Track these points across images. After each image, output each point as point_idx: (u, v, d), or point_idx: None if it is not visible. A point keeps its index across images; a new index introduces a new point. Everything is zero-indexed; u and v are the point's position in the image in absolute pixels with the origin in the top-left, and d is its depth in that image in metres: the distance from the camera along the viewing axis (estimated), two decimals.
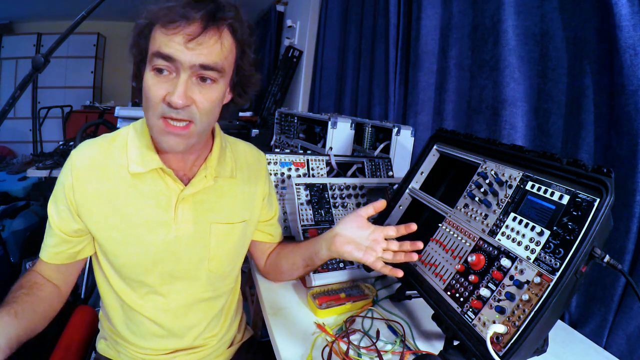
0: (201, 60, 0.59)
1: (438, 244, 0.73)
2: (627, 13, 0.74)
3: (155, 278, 0.74)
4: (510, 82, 1.04)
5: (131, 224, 0.70)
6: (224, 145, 0.80)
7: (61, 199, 0.70)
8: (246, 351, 0.91)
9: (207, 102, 0.63)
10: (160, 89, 0.60)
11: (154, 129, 0.64)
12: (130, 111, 1.67)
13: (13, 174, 3.05)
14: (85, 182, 0.69)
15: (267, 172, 0.90)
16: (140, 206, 0.70)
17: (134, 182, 0.70)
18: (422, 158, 0.90)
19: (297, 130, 1.73)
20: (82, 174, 0.69)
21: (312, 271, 0.87)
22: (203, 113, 0.63)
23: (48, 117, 3.94)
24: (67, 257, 0.73)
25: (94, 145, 0.73)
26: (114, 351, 0.81)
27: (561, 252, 0.52)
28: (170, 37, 0.58)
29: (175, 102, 0.58)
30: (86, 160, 0.70)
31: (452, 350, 0.62)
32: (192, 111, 0.62)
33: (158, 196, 0.71)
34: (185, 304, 0.78)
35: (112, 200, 0.70)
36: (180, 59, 0.58)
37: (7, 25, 4.67)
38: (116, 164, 0.70)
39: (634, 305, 0.75)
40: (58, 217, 0.71)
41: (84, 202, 0.69)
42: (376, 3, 1.91)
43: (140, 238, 0.71)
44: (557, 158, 0.58)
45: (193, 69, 0.60)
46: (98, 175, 0.69)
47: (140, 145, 0.71)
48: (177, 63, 0.59)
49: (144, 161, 0.70)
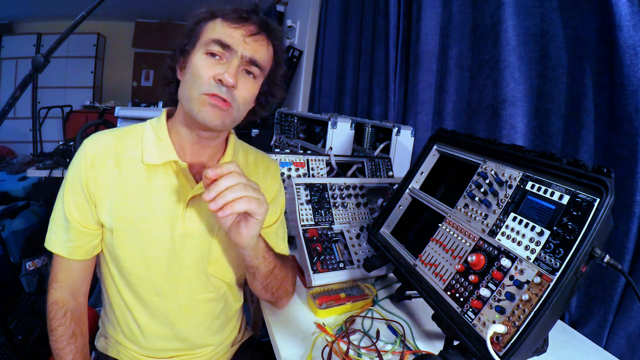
0: (251, 54, 0.68)
1: (438, 244, 0.73)
2: (627, 13, 0.74)
3: (158, 275, 0.74)
4: (510, 82, 1.04)
5: (139, 217, 0.71)
6: (237, 149, 0.81)
7: (77, 191, 0.70)
8: (246, 351, 0.91)
9: (247, 92, 0.70)
10: (211, 69, 0.66)
11: (194, 102, 0.67)
12: (130, 111, 1.67)
13: (13, 174, 3.04)
14: (98, 171, 0.70)
15: (280, 183, 0.89)
16: (151, 200, 0.71)
17: (147, 174, 0.71)
18: (422, 158, 0.90)
19: (297, 130, 1.73)
20: (96, 162, 0.70)
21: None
22: (242, 101, 0.69)
23: (48, 117, 3.93)
24: (85, 252, 0.73)
25: (108, 135, 0.74)
26: (115, 350, 0.81)
27: (561, 252, 0.52)
28: (232, 29, 0.68)
29: (227, 79, 0.65)
30: (100, 149, 0.71)
31: (452, 350, 0.61)
32: (234, 95, 0.68)
33: (169, 191, 0.72)
34: (187, 305, 0.78)
35: (123, 192, 0.70)
36: (237, 49, 0.67)
37: (7, 25, 4.67)
38: (130, 156, 0.72)
39: (634, 305, 0.75)
40: (77, 211, 0.71)
41: (96, 191, 0.70)
42: (376, 3, 1.91)
43: (146, 232, 0.71)
44: (557, 158, 0.58)
45: (244, 59, 0.68)
46: (111, 165, 0.71)
47: (157, 139, 0.72)
48: (233, 52, 0.67)
49: (160, 153, 0.71)
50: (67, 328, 0.71)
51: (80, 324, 0.74)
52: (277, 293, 0.80)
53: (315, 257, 0.92)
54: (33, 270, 1.95)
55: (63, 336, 0.70)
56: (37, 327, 1.26)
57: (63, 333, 0.71)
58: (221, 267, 0.79)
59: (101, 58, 5.18)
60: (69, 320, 0.72)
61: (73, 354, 0.70)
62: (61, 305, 0.72)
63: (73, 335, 0.71)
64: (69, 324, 0.72)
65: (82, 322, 0.75)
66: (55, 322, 0.71)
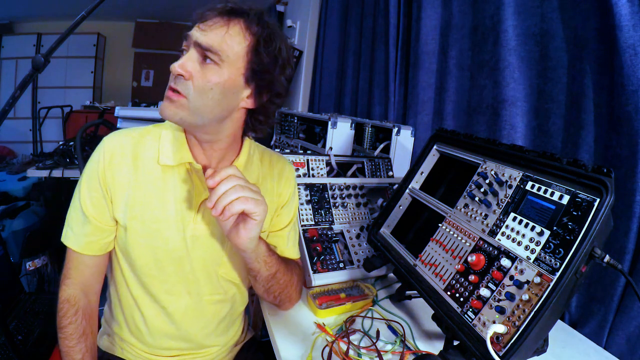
0: (201, 40, 0.64)
1: (438, 244, 0.73)
2: (627, 13, 0.74)
3: (168, 274, 0.74)
4: (510, 82, 1.04)
5: (153, 216, 0.71)
6: (252, 153, 0.81)
7: (95, 187, 0.71)
8: (246, 351, 0.92)
9: (203, 80, 0.65)
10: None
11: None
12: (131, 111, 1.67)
13: (13, 174, 3.04)
14: (116, 169, 0.70)
15: (294, 186, 0.88)
16: (165, 200, 0.72)
17: (163, 175, 0.72)
18: (422, 158, 0.90)
19: (297, 130, 1.73)
20: (114, 159, 0.71)
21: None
22: (197, 90, 0.64)
23: (48, 117, 3.93)
24: (99, 247, 0.73)
25: (127, 134, 0.74)
26: (119, 348, 0.81)
27: (561, 252, 0.52)
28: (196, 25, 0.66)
29: (174, 68, 0.64)
30: (118, 147, 0.72)
31: (452, 350, 0.61)
32: (187, 85, 0.64)
33: (183, 192, 0.72)
34: (195, 305, 0.78)
35: (138, 190, 0.71)
36: (191, 34, 0.65)
37: (7, 25, 4.66)
38: (147, 156, 0.72)
39: (634, 305, 0.75)
40: (93, 207, 0.71)
41: (113, 187, 0.70)
42: (376, 3, 1.91)
43: (159, 232, 0.72)
44: (557, 158, 0.58)
45: (196, 46, 0.65)
46: (129, 163, 0.71)
47: (173, 139, 0.73)
48: (190, 40, 0.65)
49: (175, 154, 0.72)
50: (77, 326, 0.71)
51: (91, 322, 0.73)
52: (280, 297, 0.80)
53: (315, 257, 0.92)
54: (33, 270, 1.95)
55: (73, 334, 0.70)
56: (37, 327, 1.26)
57: (73, 331, 0.70)
58: (232, 269, 0.79)
59: (101, 58, 5.18)
60: (80, 318, 0.71)
61: (82, 353, 0.70)
62: (73, 303, 0.71)
63: (84, 334, 0.71)
64: (80, 322, 0.71)
65: (92, 320, 0.74)
66: (66, 319, 0.71)
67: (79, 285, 0.73)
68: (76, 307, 0.71)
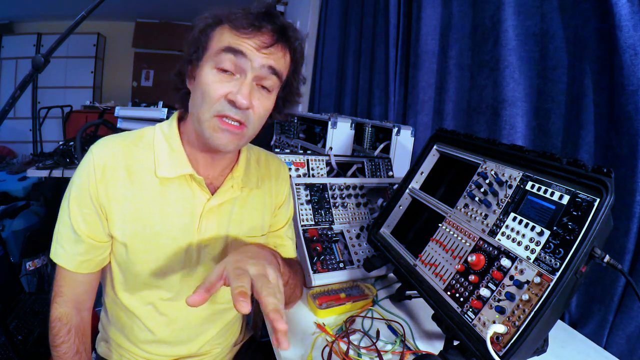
0: (271, 63, 0.61)
1: (438, 244, 0.73)
2: (627, 13, 0.74)
3: (173, 286, 0.72)
4: (510, 82, 1.04)
5: (154, 232, 0.67)
6: (249, 156, 0.79)
7: (86, 204, 0.65)
8: (246, 351, 0.91)
9: (263, 109, 0.64)
10: (222, 87, 0.60)
11: (205, 125, 0.62)
12: (130, 111, 1.67)
13: (13, 174, 3.04)
14: (109, 184, 0.65)
15: (289, 186, 0.87)
16: (165, 214, 0.68)
17: (160, 187, 0.67)
18: (422, 158, 0.90)
19: (297, 130, 1.73)
20: (106, 173, 0.65)
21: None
22: (256, 119, 0.64)
23: (48, 117, 3.94)
24: (94, 265, 0.69)
25: (117, 142, 0.68)
26: (117, 355, 0.80)
27: (561, 252, 0.52)
28: (242, 38, 0.60)
29: (241, 102, 0.59)
30: (110, 159, 0.66)
31: (452, 350, 0.62)
32: (249, 115, 0.62)
33: (184, 204, 0.69)
34: (199, 314, 0.77)
35: (136, 205, 0.66)
36: (251, 58, 0.60)
37: (7, 25, 4.66)
38: (142, 167, 0.67)
39: (634, 305, 0.75)
40: (85, 225, 0.66)
41: (107, 204, 0.65)
42: (376, 3, 1.91)
43: (162, 247, 0.69)
44: (557, 158, 0.58)
45: (262, 70, 0.61)
46: (123, 177, 0.66)
47: (169, 149, 0.68)
48: (246, 63, 0.60)
49: (174, 166, 0.67)
50: (71, 345, 0.69)
51: (84, 339, 0.71)
52: (288, 300, 0.79)
53: (315, 257, 0.92)
54: (33, 270, 1.95)
55: (67, 353, 0.68)
56: (37, 327, 1.26)
57: (67, 350, 0.68)
58: None
59: (101, 58, 5.18)
60: (73, 337, 0.69)
61: None
62: (65, 322, 0.69)
63: (77, 352, 0.69)
64: (73, 340, 0.69)
65: (86, 337, 0.72)
66: (59, 339, 0.68)
67: (72, 303, 0.70)
68: (69, 326, 0.69)
